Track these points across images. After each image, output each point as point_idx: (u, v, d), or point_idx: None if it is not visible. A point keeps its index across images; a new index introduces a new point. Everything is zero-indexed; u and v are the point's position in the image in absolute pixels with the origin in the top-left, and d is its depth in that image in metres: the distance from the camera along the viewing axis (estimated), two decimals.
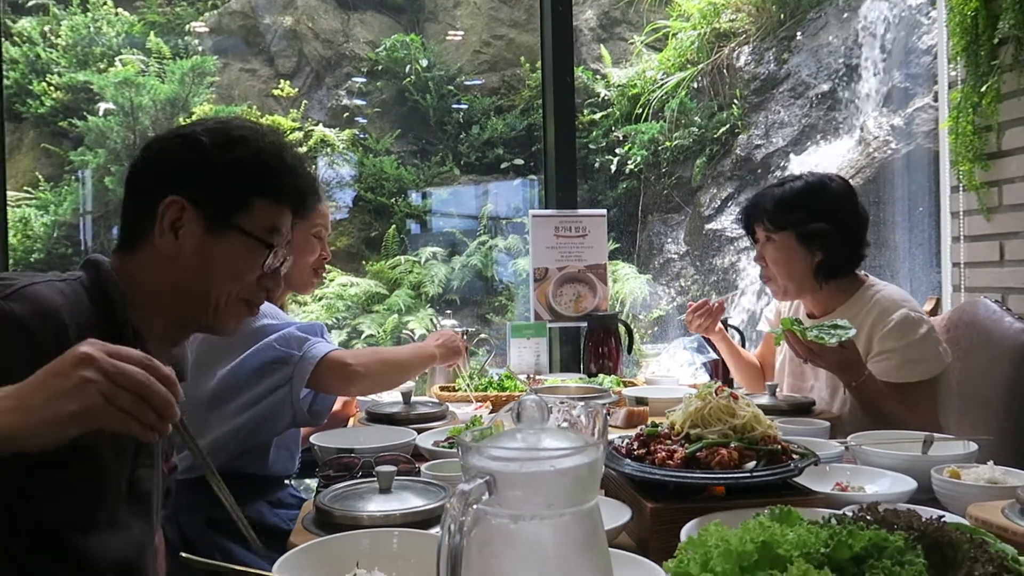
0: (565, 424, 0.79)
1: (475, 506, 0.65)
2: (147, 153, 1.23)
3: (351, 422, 2.05)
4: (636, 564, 0.93)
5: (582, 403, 0.77)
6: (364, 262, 6.33)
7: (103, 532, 1.09)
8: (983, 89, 2.69)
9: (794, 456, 1.17)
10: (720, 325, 2.36)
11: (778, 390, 1.99)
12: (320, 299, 5.83)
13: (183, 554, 0.82)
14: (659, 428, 1.25)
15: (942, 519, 0.74)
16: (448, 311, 2.96)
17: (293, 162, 1.26)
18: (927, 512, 0.81)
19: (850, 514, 0.81)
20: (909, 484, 1.25)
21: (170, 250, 1.16)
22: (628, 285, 5.85)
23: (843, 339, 1.74)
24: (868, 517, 0.79)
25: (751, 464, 1.12)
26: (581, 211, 2.87)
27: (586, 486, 0.68)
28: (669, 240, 6.44)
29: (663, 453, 1.16)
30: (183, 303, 1.20)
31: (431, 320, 5.62)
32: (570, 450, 0.67)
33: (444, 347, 2.06)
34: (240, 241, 1.20)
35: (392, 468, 1.18)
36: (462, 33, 7.26)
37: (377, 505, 1.12)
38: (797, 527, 0.73)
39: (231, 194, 1.19)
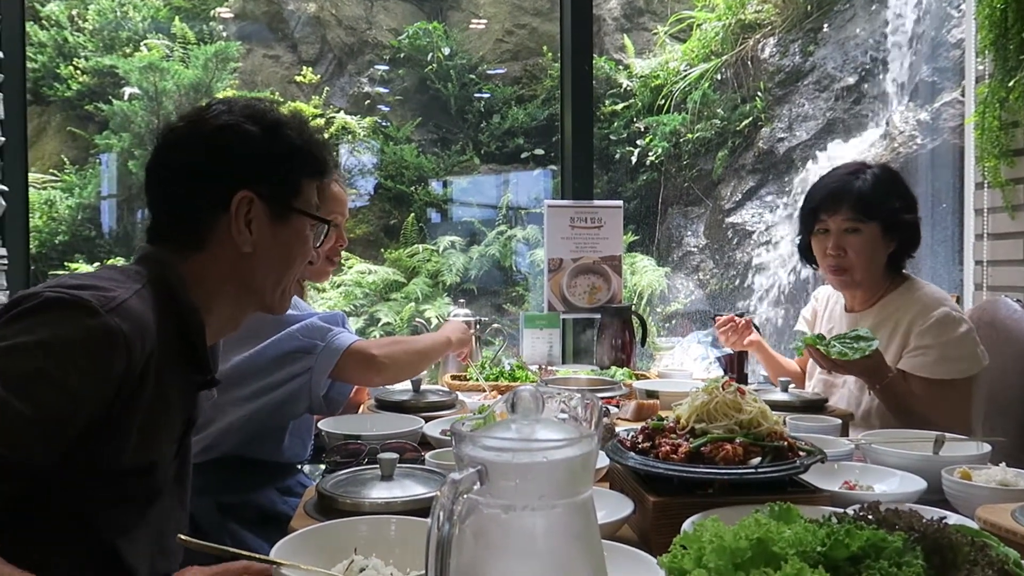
0: (563, 415, 0.79)
1: (466, 496, 0.65)
2: (196, 150, 1.19)
3: (361, 409, 2.06)
4: (634, 558, 0.92)
5: (579, 395, 0.76)
6: (383, 250, 6.35)
7: (147, 528, 1.11)
8: (1010, 84, 2.64)
9: (800, 453, 1.15)
10: (755, 335, 2.34)
11: (792, 386, 1.97)
12: (338, 286, 5.86)
13: (180, 536, 0.83)
14: (665, 422, 1.24)
15: (943, 520, 0.72)
16: (461, 300, 2.96)
17: (319, 135, 1.30)
18: (931, 513, 0.80)
19: (852, 513, 0.80)
20: (919, 484, 1.23)
21: (246, 245, 1.18)
22: (646, 278, 5.82)
23: (866, 352, 1.74)
24: (870, 517, 0.78)
25: (756, 460, 1.11)
26: (597, 202, 2.85)
27: (579, 478, 0.68)
28: (688, 233, 6.39)
29: (667, 447, 1.15)
30: (251, 292, 1.23)
31: (444, 313, 5.63)
32: (563, 441, 0.66)
33: (452, 332, 2.12)
34: (300, 223, 1.24)
35: (394, 455, 1.18)
36: (485, 21, 7.23)
37: (378, 492, 1.13)
38: (794, 525, 0.72)
39: (287, 180, 1.23)
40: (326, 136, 6.74)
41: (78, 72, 6.22)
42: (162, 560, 1.17)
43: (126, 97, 6.09)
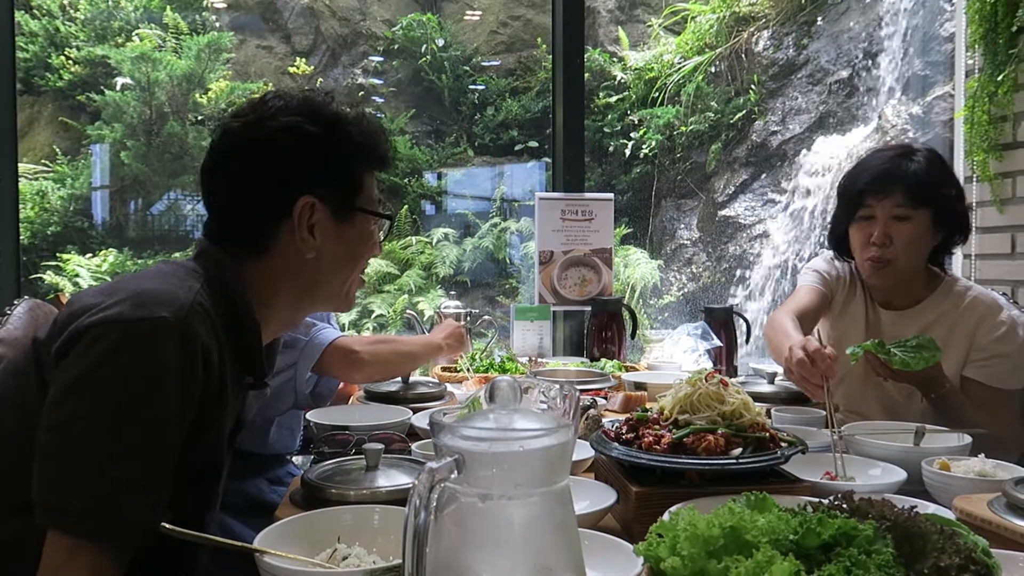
0: (543, 406, 0.80)
1: (443, 484, 0.66)
2: (256, 157, 1.14)
3: (351, 400, 2.07)
4: (614, 546, 0.94)
5: (558, 385, 0.77)
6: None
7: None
8: (1000, 78, 2.65)
9: (782, 444, 1.17)
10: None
11: (779, 378, 1.98)
12: None
13: (164, 524, 0.83)
14: (649, 413, 1.25)
15: (914, 509, 0.73)
16: (452, 292, 2.96)
17: (376, 125, 1.25)
18: (904, 502, 0.81)
19: (826, 503, 0.81)
20: (899, 475, 1.24)
21: (310, 251, 1.15)
22: (639, 270, 5.83)
23: (931, 363, 1.56)
24: (844, 506, 0.79)
25: (737, 451, 1.12)
26: (588, 194, 2.85)
27: (556, 467, 0.68)
28: (682, 226, 6.41)
29: (650, 438, 1.16)
30: (315, 295, 1.21)
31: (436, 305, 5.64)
32: (539, 431, 0.67)
33: (451, 340, 2.07)
34: (363, 220, 1.21)
35: (380, 446, 1.19)
36: (479, 13, 7.22)
37: (363, 482, 1.14)
38: (768, 514, 0.73)
39: (349, 179, 1.19)
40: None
41: (70, 62, 6.20)
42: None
43: (118, 87, 6.07)
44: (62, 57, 6.19)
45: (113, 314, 0.94)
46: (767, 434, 1.16)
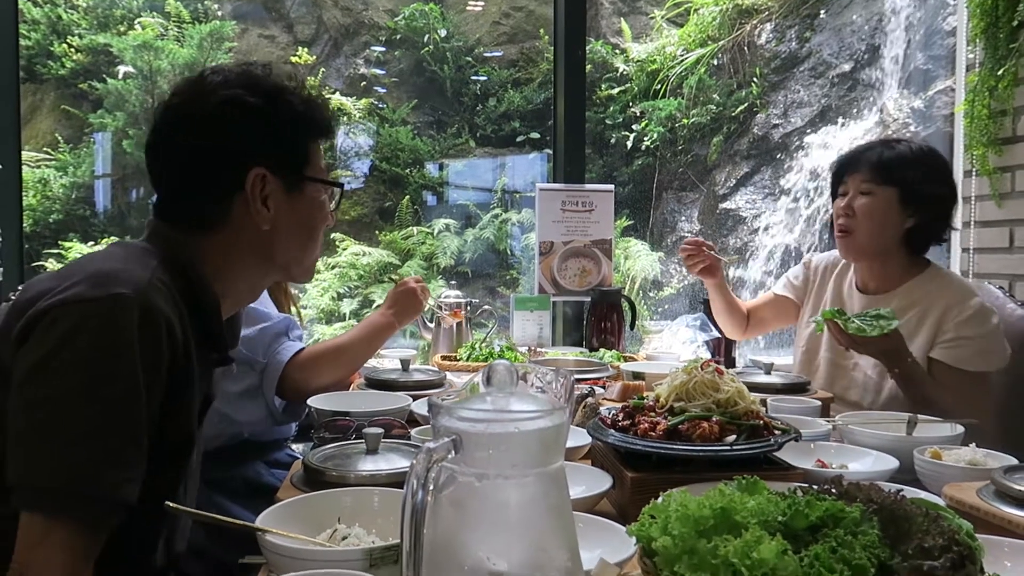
0: (538, 389, 0.81)
1: (441, 464, 0.68)
2: (200, 131, 1.14)
3: (352, 387, 2.09)
4: (608, 529, 0.96)
5: (554, 371, 0.78)
6: (377, 232, 6.35)
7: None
8: (1000, 73, 2.66)
9: (776, 432, 1.19)
10: (718, 272, 2.33)
11: (775, 368, 2.00)
12: (333, 268, 5.87)
13: (168, 503, 0.85)
14: (645, 400, 1.27)
15: (900, 492, 0.75)
16: (453, 282, 2.97)
17: (316, 93, 1.25)
18: (891, 487, 0.83)
19: (816, 487, 0.83)
20: (891, 463, 1.26)
21: (265, 223, 1.15)
22: (640, 262, 5.84)
23: (886, 331, 1.68)
24: (833, 490, 0.81)
25: (731, 438, 1.14)
26: (588, 186, 2.87)
27: (551, 449, 0.70)
28: (683, 218, 6.41)
29: (646, 425, 1.18)
30: (274, 266, 1.21)
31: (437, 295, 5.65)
32: (535, 413, 0.69)
33: (399, 307, 1.96)
34: (315, 190, 1.22)
35: (379, 430, 1.21)
36: (482, 3, 7.20)
37: (364, 465, 1.15)
38: (758, 496, 0.75)
39: (296, 149, 1.19)
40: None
41: (72, 50, 6.19)
42: (180, 540, 1.20)
43: (120, 76, 6.07)
44: (64, 45, 6.18)
45: (70, 295, 0.95)
46: (761, 422, 1.18)
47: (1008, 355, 1.88)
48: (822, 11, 6.23)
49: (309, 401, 1.66)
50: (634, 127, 6.49)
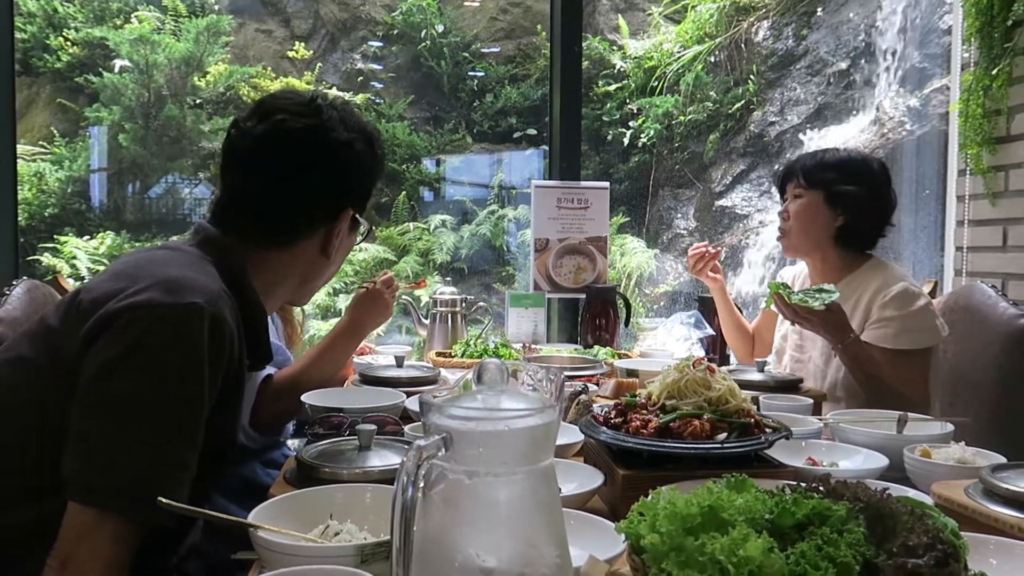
0: (529, 387, 0.82)
1: (431, 461, 0.68)
2: (321, 165, 1.21)
3: (347, 383, 2.09)
4: (598, 526, 0.96)
5: (545, 369, 0.79)
6: (374, 228, 6.36)
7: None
8: (995, 72, 2.66)
9: (767, 430, 1.19)
10: (719, 277, 2.46)
11: (769, 365, 2.01)
12: None
13: (161, 499, 0.86)
14: (637, 398, 1.27)
15: (886, 491, 0.76)
16: (449, 278, 2.98)
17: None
18: (877, 486, 0.84)
19: (803, 485, 0.84)
20: (881, 461, 1.27)
21: (331, 253, 1.26)
22: (636, 259, 5.85)
23: (827, 302, 1.83)
24: (820, 488, 0.82)
25: (722, 436, 1.15)
26: (584, 183, 2.87)
27: (541, 447, 0.71)
28: (679, 215, 6.42)
29: (638, 422, 1.19)
30: (305, 289, 1.31)
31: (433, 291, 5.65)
32: (525, 411, 0.70)
33: (361, 311, 1.85)
34: (355, 227, 1.33)
35: (372, 427, 1.21)
36: None
37: (356, 461, 1.16)
38: (746, 494, 0.76)
39: (371, 194, 1.32)
40: None
41: (68, 43, 6.18)
42: (196, 537, 1.22)
43: (116, 70, 6.06)
44: (60, 38, 6.17)
45: (143, 299, 0.97)
46: (752, 420, 1.19)
47: (942, 334, 2.00)
48: (819, 9, 6.24)
49: (304, 397, 1.66)
50: (631, 124, 6.49)
